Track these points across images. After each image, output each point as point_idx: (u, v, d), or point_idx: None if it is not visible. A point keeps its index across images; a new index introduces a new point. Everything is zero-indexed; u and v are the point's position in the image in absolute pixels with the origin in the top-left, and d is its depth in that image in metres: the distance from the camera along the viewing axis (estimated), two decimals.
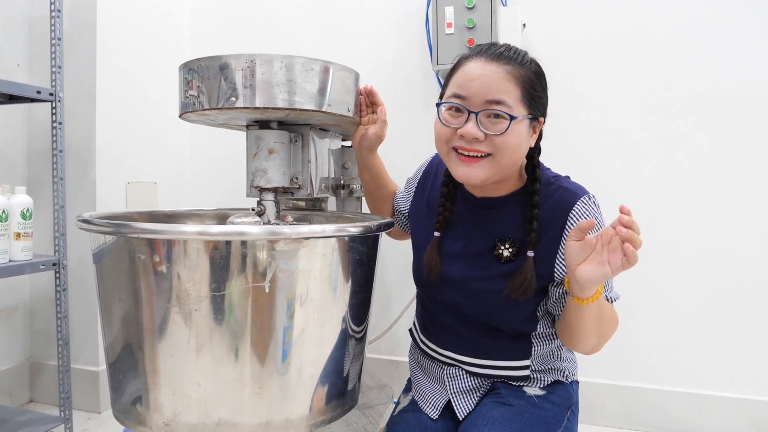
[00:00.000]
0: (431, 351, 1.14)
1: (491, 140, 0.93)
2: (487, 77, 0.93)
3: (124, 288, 0.90)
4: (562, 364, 1.10)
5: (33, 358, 2.00)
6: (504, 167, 0.96)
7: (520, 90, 0.94)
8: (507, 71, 0.93)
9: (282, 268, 0.87)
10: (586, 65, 1.80)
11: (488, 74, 0.93)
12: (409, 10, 1.96)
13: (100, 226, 0.90)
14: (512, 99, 0.93)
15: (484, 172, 0.96)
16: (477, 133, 0.93)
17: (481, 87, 0.93)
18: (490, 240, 1.03)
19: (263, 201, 1.15)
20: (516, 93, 0.93)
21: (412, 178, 1.27)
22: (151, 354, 0.89)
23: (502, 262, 1.01)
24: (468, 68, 0.96)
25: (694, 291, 1.72)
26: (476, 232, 1.06)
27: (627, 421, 1.78)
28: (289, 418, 0.91)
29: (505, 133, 0.92)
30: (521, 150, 0.97)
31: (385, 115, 1.22)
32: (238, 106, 1.00)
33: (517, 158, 0.97)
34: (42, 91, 1.56)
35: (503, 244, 1.02)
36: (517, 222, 1.02)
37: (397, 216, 1.29)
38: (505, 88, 0.93)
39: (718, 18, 1.68)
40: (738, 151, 1.67)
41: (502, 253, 1.01)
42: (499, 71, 0.93)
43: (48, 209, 1.80)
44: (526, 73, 0.95)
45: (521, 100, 0.94)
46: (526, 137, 0.96)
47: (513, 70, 0.94)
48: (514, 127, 0.93)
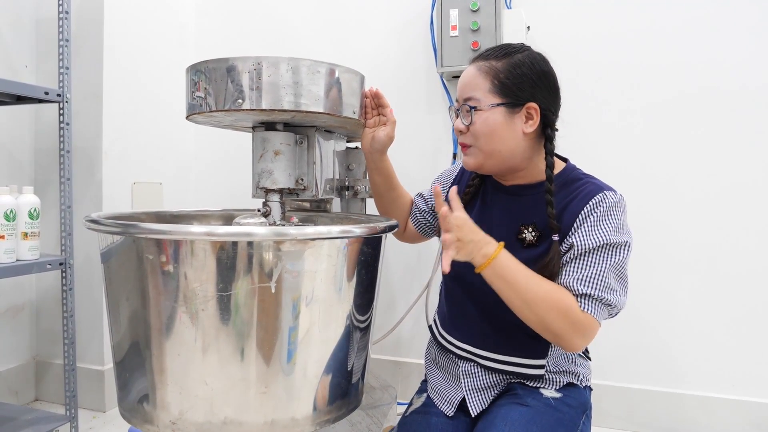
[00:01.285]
0: (449, 345, 1.16)
1: (472, 132, 1.06)
2: (464, 78, 1.07)
3: (131, 287, 0.91)
4: (576, 368, 1.11)
5: (39, 357, 2.01)
6: (490, 153, 1.05)
7: (489, 82, 1.03)
8: (479, 68, 1.05)
9: (288, 269, 0.88)
10: (591, 64, 1.80)
11: (465, 75, 1.07)
12: (414, 11, 1.97)
13: (109, 226, 0.91)
14: (481, 92, 1.04)
15: (473, 159, 1.08)
16: (459, 125, 1.08)
17: (461, 88, 1.08)
18: (515, 225, 1.07)
19: (269, 202, 1.16)
20: (485, 86, 1.04)
21: (446, 174, 1.30)
22: (158, 353, 0.90)
23: (525, 246, 1.05)
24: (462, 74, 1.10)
25: (699, 293, 1.72)
26: (503, 217, 1.10)
27: (632, 423, 1.78)
28: (294, 417, 0.92)
29: (472, 123, 1.05)
30: (500, 135, 1.04)
31: (394, 116, 1.23)
32: (245, 107, 1.01)
33: (499, 143, 1.04)
34: (50, 92, 1.57)
35: (526, 228, 1.06)
36: (542, 208, 1.05)
37: (422, 214, 1.30)
38: (475, 84, 1.05)
39: (721, 15, 1.68)
40: (742, 147, 1.67)
41: (525, 237, 1.06)
42: (474, 70, 1.06)
43: (55, 209, 1.81)
44: (500, 65, 1.04)
45: (490, 91, 1.03)
46: (503, 123, 1.03)
47: (486, 66, 1.05)
48: (481, 116, 1.03)
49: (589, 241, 0.98)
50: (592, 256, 0.99)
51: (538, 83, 1.04)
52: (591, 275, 0.98)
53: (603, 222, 0.99)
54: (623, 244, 1.00)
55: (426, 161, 1.97)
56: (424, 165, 1.96)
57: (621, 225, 1.01)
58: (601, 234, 0.98)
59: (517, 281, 0.96)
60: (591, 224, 1.00)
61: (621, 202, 1.02)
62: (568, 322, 0.96)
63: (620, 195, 1.03)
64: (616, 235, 0.99)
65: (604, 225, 0.99)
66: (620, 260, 0.99)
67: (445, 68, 1.80)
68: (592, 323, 0.97)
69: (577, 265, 0.99)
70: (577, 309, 0.96)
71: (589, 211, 1.00)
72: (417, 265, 2.00)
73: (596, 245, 0.98)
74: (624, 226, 1.02)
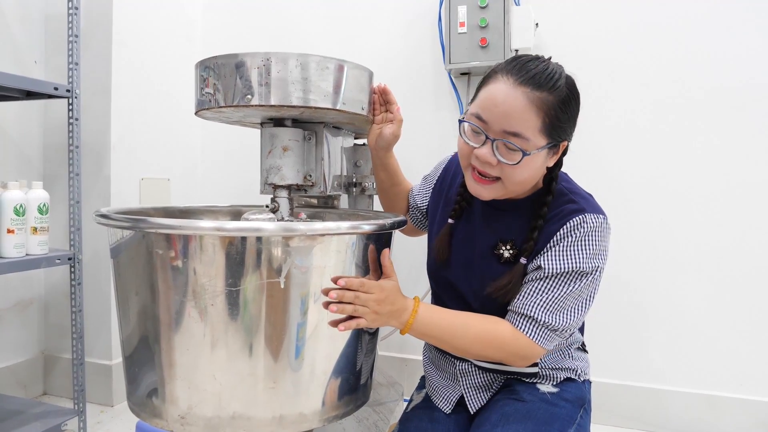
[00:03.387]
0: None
1: (502, 167, 0.94)
2: (508, 105, 0.90)
3: (141, 282, 0.92)
4: (573, 362, 1.11)
5: (47, 352, 2.03)
6: (512, 191, 0.99)
7: (542, 120, 0.91)
8: (531, 100, 0.90)
9: (297, 265, 0.88)
10: (598, 61, 1.79)
11: (510, 102, 0.90)
12: (422, 8, 1.97)
13: (119, 221, 0.91)
14: (531, 130, 0.91)
15: (491, 192, 0.98)
16: (490, 158, 0.93)
17: (501, 116, 0.91)
18: (494, 239, 1.04)
19: (277, 198, 1.16)
20: (536, 124, 0.90)
21: (431, 175, 1.28)
22: (167, 347, 0.90)
23: (501, 262, 1.03)
24: (494, 90, 0.92)
25: (706, 291, 1.71)
26: (484, 229, 1.07)
27: (638, 421, 1.78)
28: (302, 412, 0.92)
29: (517, 164, 0.92)
30: (533, 177, 0.97)
31: (401, 114, 1.23)
32: (254, 103, 1.01)
33: (527, 184, 0.98)
34: (59, 88, 1.57)
35: (504, 244, 1.03)
36: (522, 226, 1.02)
37: (412, 211, 1.30)
38: (525, 119, 0.90)
39: (728, 12, 1.67)
40: (750, 146, 1.66)
41: (502, 253, 1.03)
42: (522, 100, 0.90)
43: (63, 204, 1.82)
44: (553, 100, 0.91)
45: (541, 130, 0.91)
46: (541, 165, 0.96)
47: (538, 99, 0.90)
48: (527, 160, 0.92)
49: (557, 266, 0.95)
50: (555, 281, 0.96)
51: (575, 121, 0.97)
52: (547, 301, 0.95)
53: (577, 247, 0.95)
54: (594, 270, 0.96)
55: (433, 158, 1.94)
56: (430, 162, 1.93)
57: (597, 252, 0.96)
58: (572, 260, 0.95)
59: (443, 334, 0.99)
60: (563, 247, 0.96)
61: (603, 227, 0.96)
62: (505, 353, 0.99)
63: (603, 218, 0.97)
64: (589, 261, 0.95)
65: (578, 250, 0.95)
66: (586, 285, 0.96)
67: (453, 65, 1.79)
68: (531, 349, 0.97)
69: (536, 287, 0.97)
70: (511, 340, 0.97)
71: (566, 233, 0.96)
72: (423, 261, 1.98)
73: (564, 271, 0.95)
74: (601, 252, 0.97)
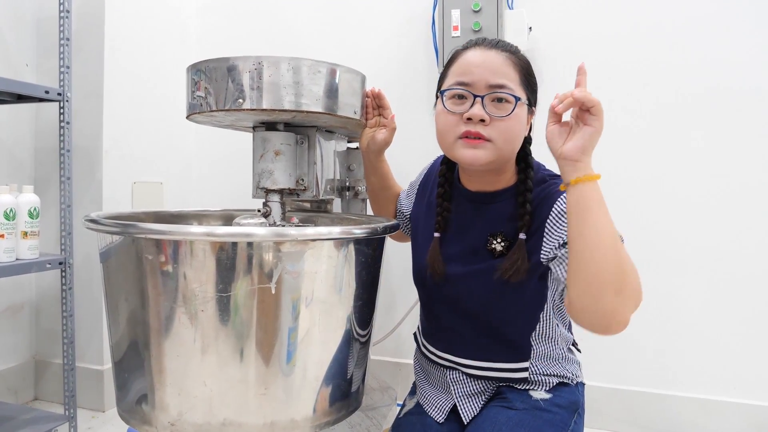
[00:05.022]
0: (433, 355, 1.15)
1: (494, 125, 0.96)
2: (489, 61, 0.97)
3: (130, 287, 0.91)
4: (566, 365, 1.10)
5: (38, 357, 2.01)
6: (503, 153, 0.98)
7: (519, 75, 0.98)
8: (506, 57, 0.98)
9: (288, 270, 0.87)
10: (593, 64, 1.79)
11: (490, 60, 0.97)
12: (415, 11, 1.97)
13: (108, 226, 0.90)
14: (513, 83, 0.97)
15: (486, 154, 0.96)
16: (483, 114, 0.95)
17: (485, 72, 0.96)
18: (484, 235, 1.04)
19: (269, 202, 1.16)
20: (516, 77, 0.97)
21: (415, 182, 1.29)
22: (157, 353, 0.89)
23: (496, 257, 1.02)
24: (468, 56, 0.99)
25: (701, 294, 1.71)
26: (472, 227, 1.07)
27: (632, 425, 1.77)
28: (293, 418, 0.92)
29: (510, 115, 0.95)
30: (520, 137, 1.00)
31: (395, 123, 1.23)
32: (246, 107, 1.01)
33: (515, 145, 1.00)
34: (50, 91, 1.56)
35: (495, 238, 1.03)
36: (508, 216, 1.03)
37: (399, 218, 1.30)
38: (506, 72, 0.97)
39: (724, 14, 1.67)
40: (749, 148, 1.66)
41: (495, 248, 1.02)
42: (499, 57, 0.97)
43: (55, 208, 1.81)
44: (522, 60, 1.00)
45: (521, 84, 0.98)
46: (524, 123, 1.00)
47: (511, 57, 0.98)
48: (517, 110, 0.96)
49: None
50: None
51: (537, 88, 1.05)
52: None
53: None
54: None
55: (426, 162, 1.96)
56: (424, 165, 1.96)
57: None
58: None
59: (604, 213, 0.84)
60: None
61: None
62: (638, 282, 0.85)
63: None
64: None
65: None
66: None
67: None
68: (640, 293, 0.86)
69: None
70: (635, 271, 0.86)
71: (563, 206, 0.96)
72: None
73: None
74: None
